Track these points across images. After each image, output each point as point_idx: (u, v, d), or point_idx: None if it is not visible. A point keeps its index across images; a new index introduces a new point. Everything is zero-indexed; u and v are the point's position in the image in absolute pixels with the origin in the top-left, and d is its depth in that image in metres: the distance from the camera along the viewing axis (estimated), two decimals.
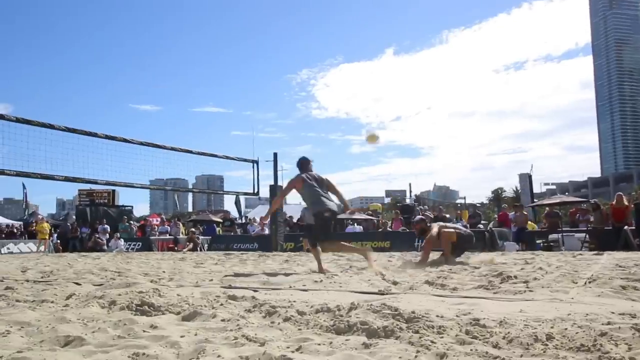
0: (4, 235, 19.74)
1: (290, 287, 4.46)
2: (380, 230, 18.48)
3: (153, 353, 2.16)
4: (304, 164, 6.71)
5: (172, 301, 3.47)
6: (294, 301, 3.42)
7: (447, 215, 17.57)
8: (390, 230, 18.06)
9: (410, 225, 18.30)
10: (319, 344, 2.26)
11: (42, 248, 18.22)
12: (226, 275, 5.74)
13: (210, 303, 3.43)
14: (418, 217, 7.68)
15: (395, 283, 4.72)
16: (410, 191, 55.49)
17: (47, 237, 19.02)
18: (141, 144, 11.67)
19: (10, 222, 25.83)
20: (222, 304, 3.38)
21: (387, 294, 4.01)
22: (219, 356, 2.09)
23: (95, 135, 10.67)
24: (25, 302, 3.65)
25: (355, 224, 18.92)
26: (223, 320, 2.86)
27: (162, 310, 3.17)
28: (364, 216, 21.16)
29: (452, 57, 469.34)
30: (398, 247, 13.49)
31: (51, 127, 9.86)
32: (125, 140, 11.32)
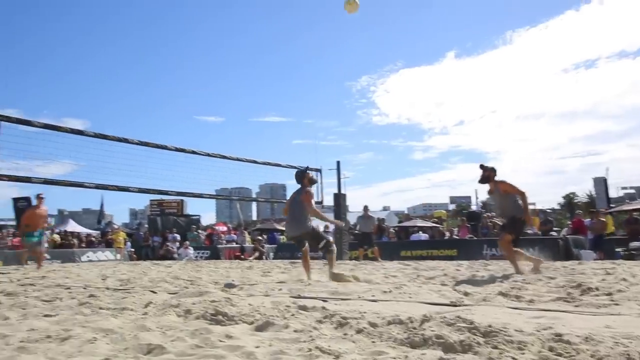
0: (84, 244, 20.87)
1: (359, 297, 4.44)
2: (446, 238, 18.06)
3: None
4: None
5: (244, 311, 3.53)
6: (365, 312, 3.39)
7: None
8: (457, 237, 17.63)
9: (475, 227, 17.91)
10: (394, 358, 2.23)
11: (118, 256, 19.14)
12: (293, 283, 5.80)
13: (281, 313, 3.47)
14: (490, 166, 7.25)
15: (466, 294, 4.59)
16: (477, 197, 54.01)
17: (122, 246, 19.99)
18: (208, 155, 12.05)
19: (89, 231, 27.34)
20: (293, 314, 3.41)
21: (459, 305, 3.90)
22: None
23: (165, 147, 11.13)
24: (107, 310, 3.83)
25: (421, 232, 18.61)
26: (295, 331, 2.88)
27: (236, 320, 3.24)
28: (429, 224, 20.78)
29: (517, 58, 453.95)
30: (465, 256, 13.11)
31: (125, 141, 10.37)
32: (193, 152, 11.73)
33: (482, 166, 7.30)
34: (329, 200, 15.14)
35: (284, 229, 24.48)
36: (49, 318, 3.52)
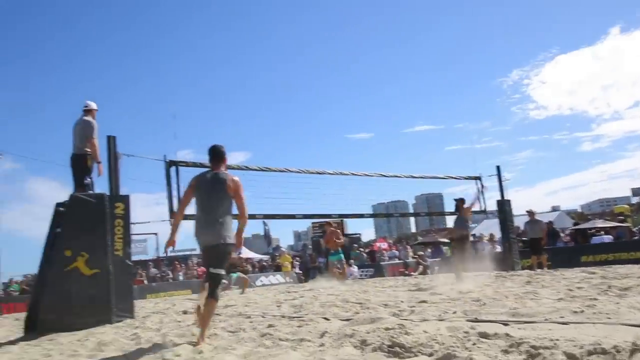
0: (257, 269, 22.35)
1: (546, 319, 4.02)
2: (637, 238, 15.86)
3: None
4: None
5: (420, 340, 3.39)
6: (557, 339, 3.03)
7: None
8: None
9: None
10: None
11: (288, 279, 20.17)
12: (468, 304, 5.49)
13: (461, 342, 3.26)
14: None
15: None
16: None
17: (289, 269, 21.06)
18: (365, 175, 12.18)
19: (260, 256, 29.30)
20: (474, 343, 3.18)
21: None
22: None
23: (323, 173, 11.50)
24: (286, 341, 3.95)
25: (603, 233, 16.56)
26: None
27: (414, 352, 3.11)
28: (611, 223, 18.52)
29: None
30: None
31: (287, 170, 10.93)
32: (352, 174, 11.96)
33: None
34: (491, 205, 14.32)
35: (446, 240, 23.78)
36: (235, 351, 3.72)
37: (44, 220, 7.24)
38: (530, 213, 13.51)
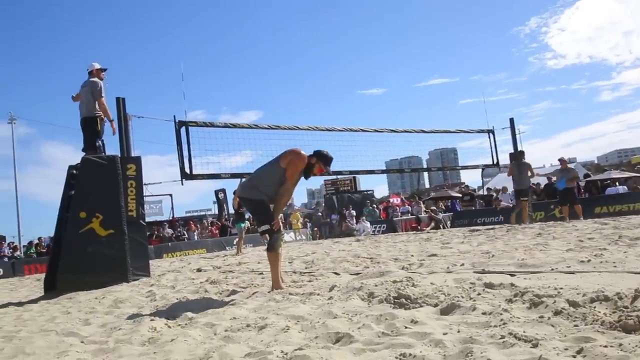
0: None
1: (552, 269, 4.04)
2: None
3: (419, 354, 2.13)
4: None
5: (427, 291, 3.44)
6: (561, 288, 3.06)
7: None
8: None
9: None
10: (605, 346, 1.95)
11: (301, 236, 20.47)
12: (476, 256, 5.54)
13: (466, 293, 3.30)
14: None
15: None
16: None
17: (299, 227, 21.42)
18: (376, 131, 12.11)
19: None
20: (479, 294, 3.22)
21: None
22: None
23: (333, 129, 11.44)
24: (296, 295, 4.04)
25: (617, 184, 16.43)
26: (484, 313, 2.71)
27: (419, 303, 3.16)
28: (626, 174, 18.33)
29: None
30: None
31: (297, 128, 10.88)
32: (361, 130, 11.89)
33: None
34: (504, 160, 14.21)
35: (459, 195, 23.77)
36: (247, 306, 3.82)
37: (59, 184, 7.35)
38: (563, 161, 13.09)
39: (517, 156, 12.43)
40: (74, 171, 7.22)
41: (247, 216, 13.97)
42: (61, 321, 4.22)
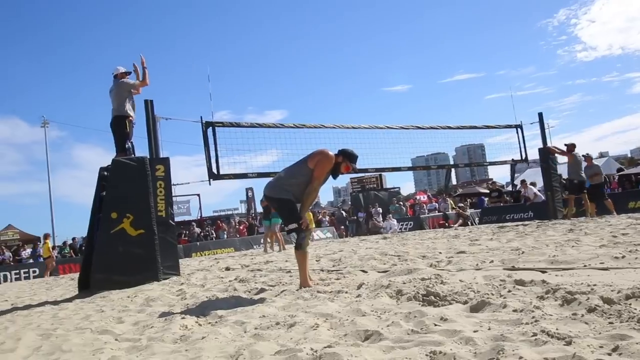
0: None
1: (585, 265, 3.96)
2: None
3: (449, 351, 2.12)
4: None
5: (456, 289, 3.41)
6: (594, 285, 3.00)
7: None
8: None
9: None
10: None
11: (328, 234, 20.49)
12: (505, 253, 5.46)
13: (496, 290, 3.27)
14: None
15: None
16: None
17: (313, 225, 21.60)
18: (401, 127, 12.03)
19: None
20: (509, 291, 3.18)
21: None
22: (520, 357, 1.93)
23: (359, 127, 11.42)
24: (324, 293, 4.05)
25: None
26: (515, 310, 2.68)
27: (449, 300, 3.14)
28: None
29: None
30: None
31: (322, 126, 10.89)
32: (387, 127, 11.83)
33: None
34: (533, 155, 13.94)
35: (487, 191, 23.44)
36: (275, 304, 3.85)
37: (90, 185, 7.53)
38: (588, 158, 12.88)
39: (572, 148, 12.27)
40: (105, 173, 7.38)
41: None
42: (95, 319, 4.32)
